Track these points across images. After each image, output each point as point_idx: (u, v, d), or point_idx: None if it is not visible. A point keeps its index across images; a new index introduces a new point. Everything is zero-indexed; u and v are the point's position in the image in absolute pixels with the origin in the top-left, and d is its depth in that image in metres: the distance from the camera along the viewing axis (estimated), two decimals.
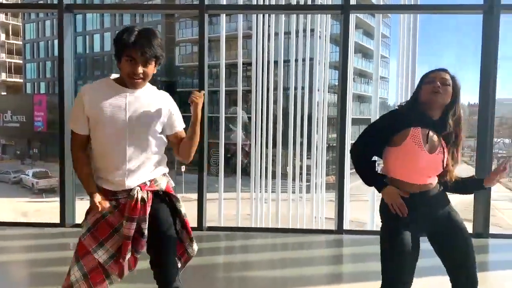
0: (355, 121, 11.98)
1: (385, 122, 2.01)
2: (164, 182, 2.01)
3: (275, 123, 10.01)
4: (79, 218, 4.43)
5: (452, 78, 1.96)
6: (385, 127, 1.97)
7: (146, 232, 1.88)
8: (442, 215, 1.98)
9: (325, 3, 10.91)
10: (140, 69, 1.82)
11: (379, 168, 2.08)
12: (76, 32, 39.36)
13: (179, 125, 2.03)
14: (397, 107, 2.05)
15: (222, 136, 7.97)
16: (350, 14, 4.11)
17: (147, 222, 1.88)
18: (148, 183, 1.92)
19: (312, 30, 12.97)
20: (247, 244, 3.84)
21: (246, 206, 10.34)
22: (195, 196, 4.16)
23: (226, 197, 9.12)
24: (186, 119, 2.00)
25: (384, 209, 1.98)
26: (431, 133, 1.92)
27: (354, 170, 2.06)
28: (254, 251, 3.66)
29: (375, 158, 2.06)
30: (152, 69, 1.87)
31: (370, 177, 2.00)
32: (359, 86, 32.30)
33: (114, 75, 1.96)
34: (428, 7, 4.38)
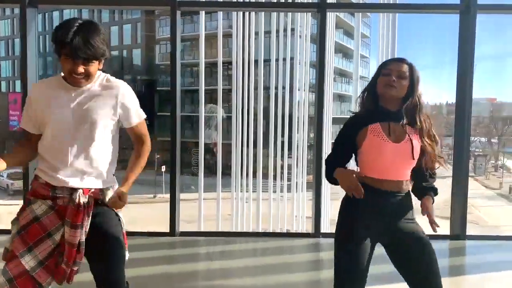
0: (336, 121, 12.03)
1: (348, 127, 1.96)
2: (109, 195, 1.84)
3: (256, 122, 9.94)
4: None
5: (410, 68, 1.88)
6: (348, 132, 1.93)
7: (83, 239, 1.72)
8: (404, 225, 1.88)
9: (303, 1, 10.90)
10: (81, 69, 1.68)
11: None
12: (53, 29, 38.51)
13: (133, 120, 1.87)
14: (354, 112, 2.01)
15: (201, 136, 7.83)
16: (327, 13, 4.01)
17: (87, 233, 1.74)
18: (92, 190, 1.79)
19: (292, 30, 12.97)
20: (221, 250, 3.69)
21: (227, 206, 10.24)
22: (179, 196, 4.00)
23: (207, 197, 8.99)
24: (165, 118, 1.85)
25: (349, 206, 1.90)
26: (392, 124, 1.86)
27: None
28: (228, 258, 3.50)
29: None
30: (95, 67, 1.73)
31: (332, 177, 1.90)
32: (340, 85, 32.52)
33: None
34: (405, 6, 4.33)
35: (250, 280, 3.09)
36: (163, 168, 24.86)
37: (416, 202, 1.95)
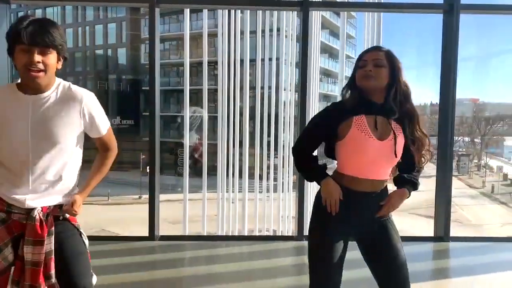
0: None
1: (327, 113, 1.82)
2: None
3: (241, 122, 9.89)
4: None
5: (387, 54, 1.76)
6: (329, 118, 1.79)
7: (47, 253, 1.61)
8: (378, 223, 1.81)
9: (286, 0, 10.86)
10: (37, 57, 1.54)
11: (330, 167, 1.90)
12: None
13: (101, 131, 1.77)
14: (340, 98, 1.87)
15: (186, 136, 7.72)
16: (310, 11, 3.94)
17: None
18: (52, 207, 1.66)
19: (278, 30, 12.94)
20: (203, 255, 3.58)
21: (213, 206, 10.16)
22: (164, 197, 3.86)
23: (193, 198, 8.89)
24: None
25: (319, 203, 1.82)
26: (379, 119, 1.74)
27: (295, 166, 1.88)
28: (210, 263, 3.40)
29: (317, 154, 1.90)
30: (53, 60, 1.59)
31: (310, 170, 1.83)
32: (325, 85, 32.67)
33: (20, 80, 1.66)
34: (389, 5, 4.30)
35: (233, 286, 2.99)
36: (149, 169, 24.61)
37: None
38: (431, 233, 4.11)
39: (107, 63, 35.62)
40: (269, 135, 10.76)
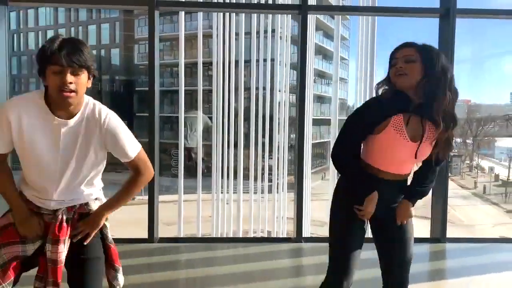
0: (315, 122, 12.09)
1: (372, 112, 1.81)
2: (96, 205, 1.82)
3: (236, 123, 9.89)
4: None
5: (419, 49, 1.75)
6: (371, 117, 1.78)
7: (63, 257, 1.66)
8: (393, 207, 1.90)
9: (284, 3, 10.90)
10: (70, 78, 1.56)
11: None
12: (28, 28, 37.59)
13: (130, 155, 1.76)
14: (379, 94, 1.86)
15: (181, 137, 7.72)
16: (308, 15, 3.97)
17: (68, 246, 1.70)
18: (77, 206, 1.77)
19: (273, 31, 12.97)
20: (202, 257, 3.59)
21: (208, 207, 10.15)
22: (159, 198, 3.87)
23: (187, 199, 8.87)
24: (144, 119, 1.75)
25: (346, 189, 1.90)
26: (413, 119, 1.75)
27: (337, 171, 1.93)
28: (210, 265, 3.41)
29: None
30: (84, 81, 1.61)
31: (360, 182, 1.83)
32: (319, 87, 32.80)
33: (42, 91, 1.66)
34: (386, 9, 4.35)
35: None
36: None
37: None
38: (427, 234, 4.16)
39: (100, 63, 35.51)
40: (263, 136, 10.78)
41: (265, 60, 11.54)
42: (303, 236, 4.02)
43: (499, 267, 3.43)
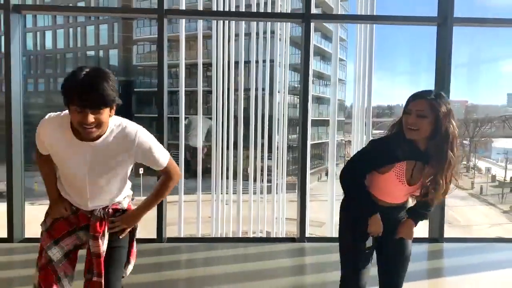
0: (314, 123, 12.21)
1: (378, 152, 1.96)
2: (126, 202, 1.98)
3: (236, 124, 9.98)
4: (30, 231, 4.16)
5: (431, 104, 1.81)
6: (378, 157, 1.94)
7: (104, 249, 1.83)
8: (392, 229, 2.04)
9: (286, 8, 11.04)
10: (91, 118, 1.58)
11: None
12: (26, 28, 37.51)
13: (160, 164, 1.87)
14: (385, 134, 2.02)
15: (182, 137, 7.82)
16: (311, 23, 4.12)
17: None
18: (110, 205, 1.91)
19: (272, 32, 13.06)
20: (208, 256, 3.70)
21: (207, 208, 10.22)
22: None
23: (187, 200, 8.95)
24: (143, 120, 1.88)
25: (346, 219, 2.08)
26: (417, 166, 1.90)
27: (344, 192, 2.07)
28: (216, 264, 3.53)
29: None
30: (106, 115, 1.64)
31: (365, 203, 2.00)
32: (317, 88, 32.91)
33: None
34: (386, 18, 4.47)
35: (246, 285, 3.14)
36: (141, 171, 24.58)
37: None
38: (426, 235, 4.30)
39: (99, 64, 35.53)
40: (263, 137, 10.87)
41: (264, 62, 11.66)
42: (306, 236, 4.16)
43: (494, 266, 3.55)
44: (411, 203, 2.11)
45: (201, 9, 8.14)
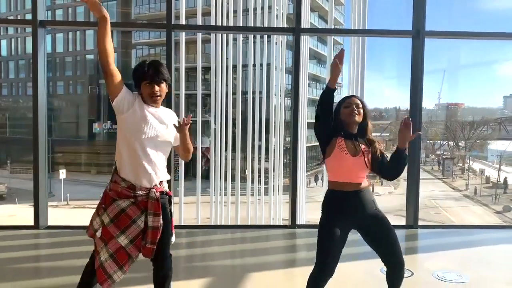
0: (310, 125, 12.56)
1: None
2: (166, 186, 2.50)
3: (234, 126, 10.36)
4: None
5: (361, 102, 2.56)
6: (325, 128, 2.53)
7: (161, 223, 2.37)
8: (370, 213, 2.49)
9: (282, 12, 11.56)
10: (156, 88, 2.35)
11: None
12: (26, 32, 37.91)
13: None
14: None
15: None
16: (301, 36, 4.69)
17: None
18: (158, 186, 2.41)
19: (269, 37, 13.50)
20: (207, 239, 4.30)
21: (205, 209, 10.62)
22: None
23: (186, 201, 9.35)
24: None
25: (325, 205, 2.52)
26: (352, 142, 2.49)
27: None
28: (215, 245, 4.14)
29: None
30: (164, 88, 2.40)
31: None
32: (314, 91, 33.40)
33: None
34: (368, 31, 5.08)
35: (238, 261, 3.73)
36: None
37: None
38: (403, 223, 4.89)
39: (98, 67, 35.92)
40: (260, 139, 11.25)
41: (261, 65, 12.09)
42: (297, 223, 4.73)
43: (458, 245, 4.21)
44: (371, 190, 2.59)
45: (201, 13, 8.82)
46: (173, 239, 2.52)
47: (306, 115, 12.04)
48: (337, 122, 2.54)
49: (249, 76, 10.86)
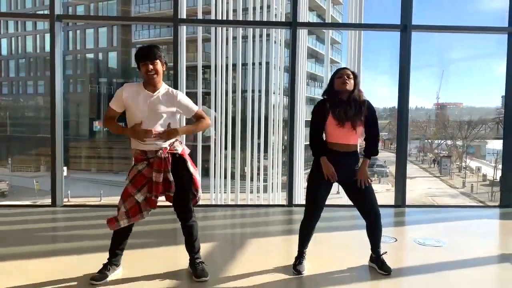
0: (309, 123, 12.73)
1: (318, 112, 2.97)
2: (180, 148, 2.86)
3: (233, 125, 10.46)
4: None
5: (353, 73, 3.00)
6: (319, 115, 2.96)
7: (172, 178, 2.77)
8: (353, 171, 2.97)
9: (281, 11, 11.92)
10: (150, 66, 2.71)
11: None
12: (26, 32, 37.93)
13: (190, 111, 2.86)
14: (321, 98, 3.05)
15: (183, 137, 8.57)
16: (298, 30, 5.06)
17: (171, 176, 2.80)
18: (168, 147, 2.80)
19: (268, 35, 13.85)
20: (209, 215, 4.77)
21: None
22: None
23: None
24: None
25: (314, 166, 2.98)
26: (344, 110, 2.89)
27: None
28: (217, 219, 4.60)
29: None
30: (160, 66, 2.76)
31: (317, 149, 2.95)
32: (312, 89, 33.70)
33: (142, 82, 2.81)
34: (359, 25, 5.45)
35: (249, 230, 4.21)
36: None
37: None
38: (392, 203, 5.30)
39: (98, 66, 36.02)
40: (259, 137, 11.30)
41: (260, 64, 12.37)
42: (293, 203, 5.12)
43: (442, 219, 4.65)
44: (358, 153, 3.03)
45: (201, 12, 9.24)
46: (200, 194, 2.93)
47: (304, 112, 12.32)
48: (332, 91, 2.95)
49: (248, 75, 11.10)
